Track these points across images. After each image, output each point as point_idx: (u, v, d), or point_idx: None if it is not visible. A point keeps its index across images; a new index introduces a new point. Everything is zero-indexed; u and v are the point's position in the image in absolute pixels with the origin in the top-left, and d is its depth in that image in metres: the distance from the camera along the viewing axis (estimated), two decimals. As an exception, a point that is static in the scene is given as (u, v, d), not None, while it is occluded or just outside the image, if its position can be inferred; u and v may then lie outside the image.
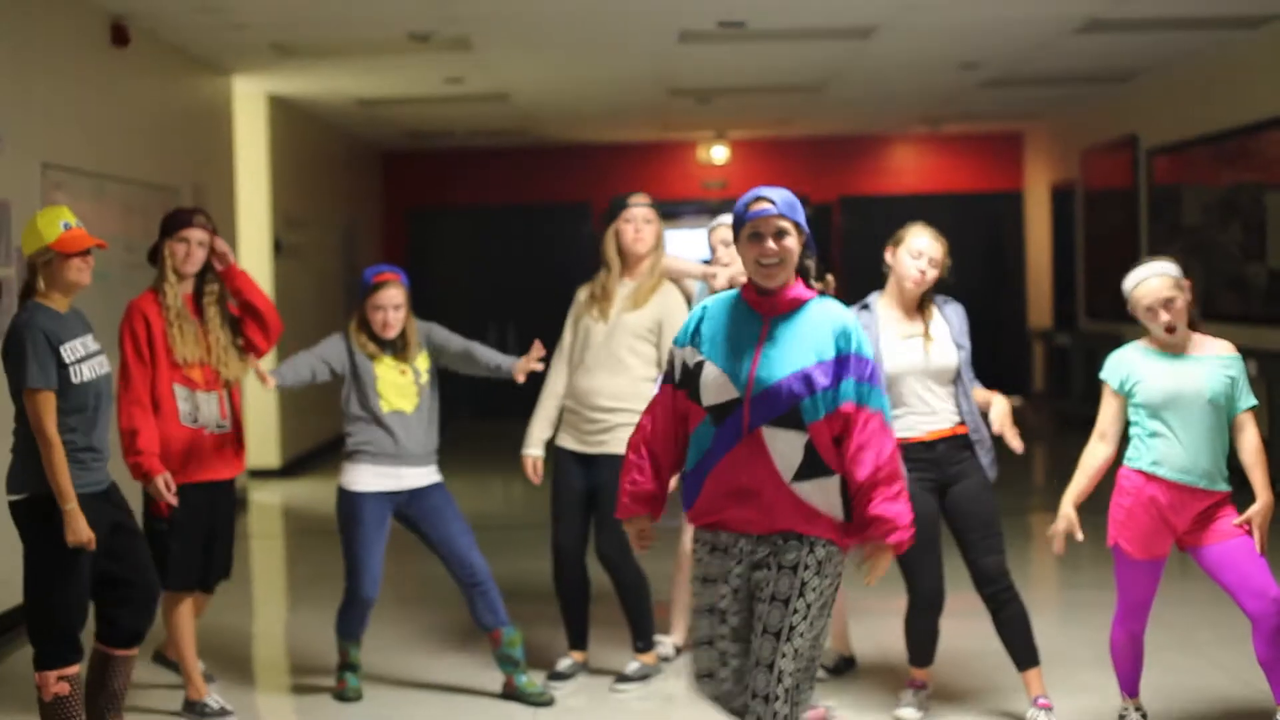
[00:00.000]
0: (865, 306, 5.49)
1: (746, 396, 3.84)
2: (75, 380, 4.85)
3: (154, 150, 9.50)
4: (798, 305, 3.93)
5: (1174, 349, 5.03)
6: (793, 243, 3.88)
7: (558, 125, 15.39)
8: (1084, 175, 15.16)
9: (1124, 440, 5.15)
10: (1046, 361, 16.48)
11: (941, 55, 11.28)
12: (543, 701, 5.82)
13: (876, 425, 3.87)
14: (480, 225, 17.42)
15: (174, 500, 5.51)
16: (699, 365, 3.93)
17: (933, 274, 5.40)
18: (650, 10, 9.30)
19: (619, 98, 13.38)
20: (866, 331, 5.36)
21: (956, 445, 5.41)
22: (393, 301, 5.86)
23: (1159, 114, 12.97)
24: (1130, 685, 5.23)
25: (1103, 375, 5.14)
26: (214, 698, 5.74)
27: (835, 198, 17.37)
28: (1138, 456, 5.04)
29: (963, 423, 5.42)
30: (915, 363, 5.38)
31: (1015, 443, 5.38)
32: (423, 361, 5.95)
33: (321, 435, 13.68)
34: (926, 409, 5.39)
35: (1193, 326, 5.07)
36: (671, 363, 4.05)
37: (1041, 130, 16.76)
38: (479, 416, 15.80)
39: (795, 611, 3.83)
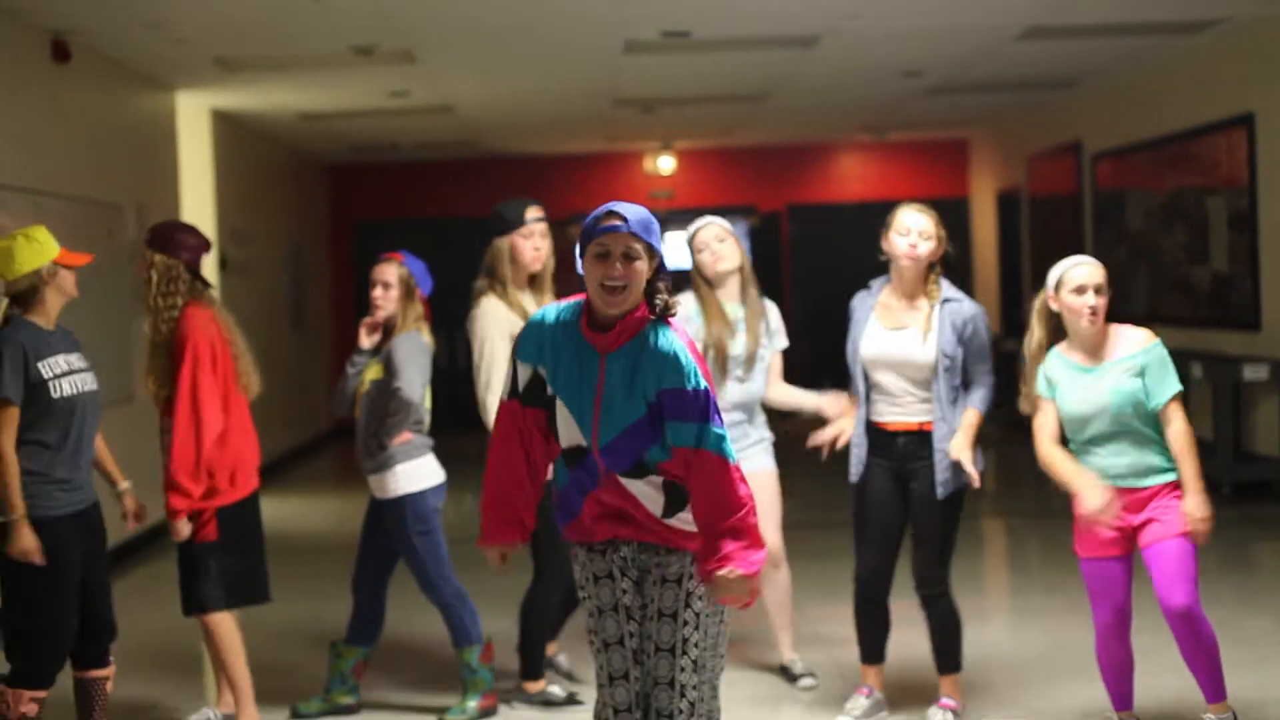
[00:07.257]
0: (867, 288, 5.53)
1: (594, 447, 3.67)
2: (54, 395, 4.83)
3: (97, 167, 9.42)
4: (631, 336, 3.64)
5: (1089, 353, 4.96)
6: (642, 267, 3.58)
7: (504, 137, 15.37)
8: (1029, 181, 15.26)
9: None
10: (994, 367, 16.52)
11: (884, 63, 11.33)
12: None
13: (714, 468, 3.60)
14: (428, 237, 17.27)
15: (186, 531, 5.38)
16: (552, 398, 3.71)
17: (926, 246, 5.33)
18: (595, 21, 9.29)
19: (565, 109, 13.38)
20: (857, 313, 5.44)
21: (922, 442, 5.37)
22: (381, 278, 5.67)
23: (1102, 120, 13.08)
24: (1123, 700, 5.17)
25: (1036, 390, 5.08)
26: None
27: (783, 206, 17.43)
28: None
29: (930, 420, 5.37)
30: (889, 355, 5.37)
31: (968, 469, 5.31)
32: (373, 370, 5.70)
33: (272, 451, 13.58)
34: (893, 399, 5.40)
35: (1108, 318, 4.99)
36: (515, 377, 3.77)
37: (986, 137, 16.86)
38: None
39: (685, 623, 3.73)
